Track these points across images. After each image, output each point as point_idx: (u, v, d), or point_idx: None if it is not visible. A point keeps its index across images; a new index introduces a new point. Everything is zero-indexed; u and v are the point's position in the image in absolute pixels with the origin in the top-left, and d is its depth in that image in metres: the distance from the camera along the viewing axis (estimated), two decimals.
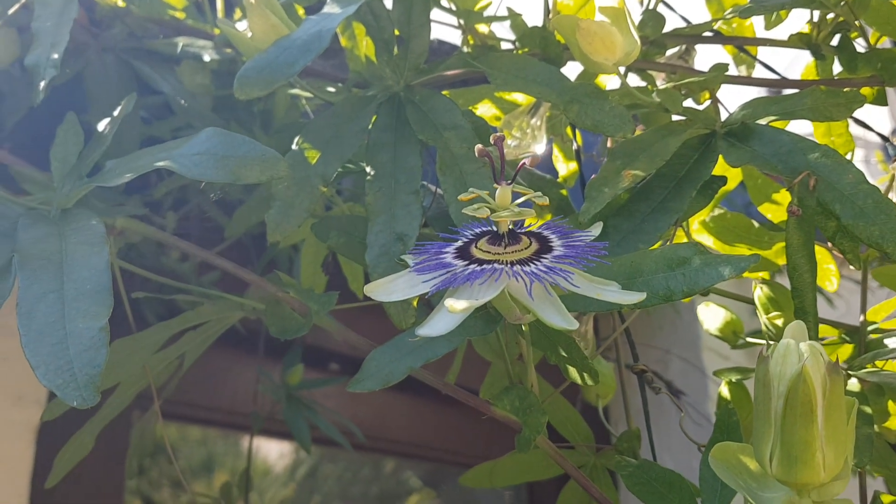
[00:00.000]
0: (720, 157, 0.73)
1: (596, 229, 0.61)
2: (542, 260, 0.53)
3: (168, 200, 1.16)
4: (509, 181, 0.55)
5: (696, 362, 1.95)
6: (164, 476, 1.64)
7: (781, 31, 0.88)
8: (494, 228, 0.56)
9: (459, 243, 0.57)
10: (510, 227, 0.55)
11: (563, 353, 0.64)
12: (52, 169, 0.67)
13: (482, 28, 0.86)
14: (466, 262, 0.54)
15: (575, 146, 0.91)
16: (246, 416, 1.54)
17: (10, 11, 0.77)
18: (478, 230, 0.58)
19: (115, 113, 0.66)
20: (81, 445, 0.76)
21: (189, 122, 0.94)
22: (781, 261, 0.91)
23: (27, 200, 0.65)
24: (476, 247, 0.55)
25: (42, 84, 0.63)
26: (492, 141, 0.54)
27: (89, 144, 0.66)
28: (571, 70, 0.83)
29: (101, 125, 0.66)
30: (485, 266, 0.52)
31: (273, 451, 2.06)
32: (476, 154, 0.55)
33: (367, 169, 0.72)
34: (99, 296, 0.49)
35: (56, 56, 0.64)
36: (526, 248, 0.54)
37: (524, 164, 0.54)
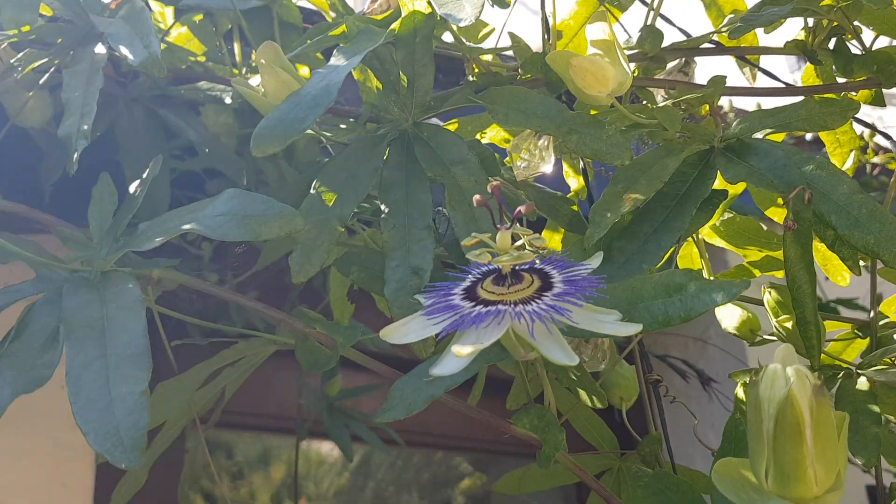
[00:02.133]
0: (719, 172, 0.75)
1: (595, 260, 0.65)
2: (543, 298, 0.57)
3: None
4: (509, 225, 0.59)
5: (733, 348, 1.96)
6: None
7: (779, 37, 0.90)
8: (499, 267, 0.60)
9: (467, 283, 0.61)
10: (512, 266, 0.59)
11: (573, 377, 0.67)
12: (91, 228, 0.72)
13: (486, 56, 0.89)
14: (473, 304, 0.58)
15: (582, 164, 0.95)
16: (291, 420, 1.61)
17: (42, 80, 0.82)
18: (485, 269, 0.62)
19: (145, 175, 0.71)
20: (136, 480, 0.82)
21: (208, 163, 0.99)
22: None
23: (68, 261, 0.70)
24: (482, 287, 0.59)
25: (76, 155, 0.68)
26: (489, 190, 0.58)
27: (122, 205, 0.71)
28: None
29: (132, 187, 0.71)
30: (489, 308, 0.56)
31: (326, 443, 2.13)
32: (475, 203, 0.58)
33: (382, 206, 0.76)
34: (139, 360, 0.54)
35: (86, 127, 0.70)
36: (528, 287, 0.58)
37: (519, 211, 0.58)
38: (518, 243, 0.59)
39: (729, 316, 0.99)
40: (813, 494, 0.52)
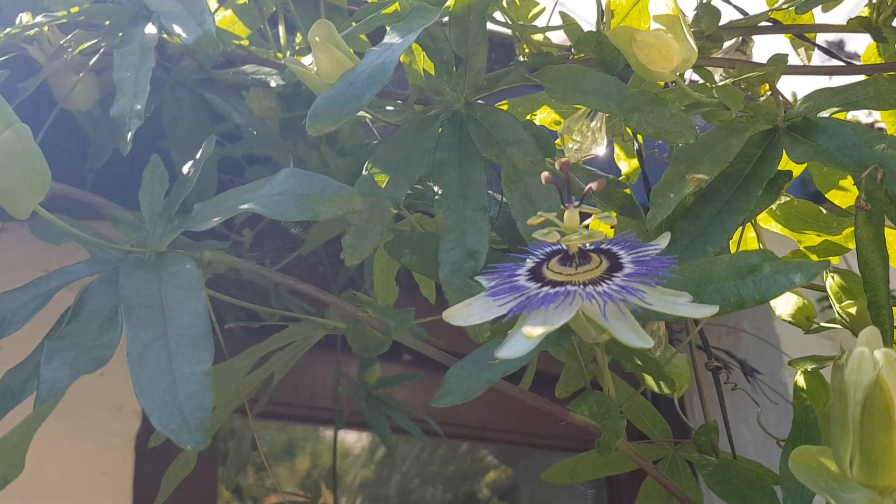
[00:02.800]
0: (784, 152, 0.73)
1: (663, 240, 0.63)
2: (613, 279, 0.55)
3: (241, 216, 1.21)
4: (577, 203, 0.57)
5: (769, 337, 1.93)
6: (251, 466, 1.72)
7: (839, 15, 0.87)
8: (564, 247, 0.58)
9: (531, 264, 0.59)
10: (580, 246, 0.57)
11: (639, 362, 0.65)
12: (142, 210, 0.71)
13: (537, 36, 0.87)
14: (539, 285, 0.56)
15: (636, 146, 0.92)
16: (326, 410, 1.60)
17: (91, 62, 0.82)
18: (547, 249, 0.60)
19: (198, 155, 0.69)
20: (186, 464, 0.82)
21: (255, 147, 0.98)
22: (851, 245, 0.91)
23: (121, 243, 0.69)
24: (547, 268, 0.57)
25: (129, 135, 0.67)
26: (558, 168, 0.56)
27: (175, 186, 0.70)
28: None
29: (185, 168, 0.70)
30: (558, 289, 0.54)
31: (351, 434, 2.13)
32: (543, 181, 0.57)
33: (435, 188, 0.75)
34: (201, 340, 0.53)
35: (139, 107, 0.69)
36: (597, 268, 0.56)
37: (590, 188, 0.56)
38: (586, 222, 0.57)
39: (784, 303, 0.97)
40: None
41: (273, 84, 0.94)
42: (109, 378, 1.31)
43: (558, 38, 0.96)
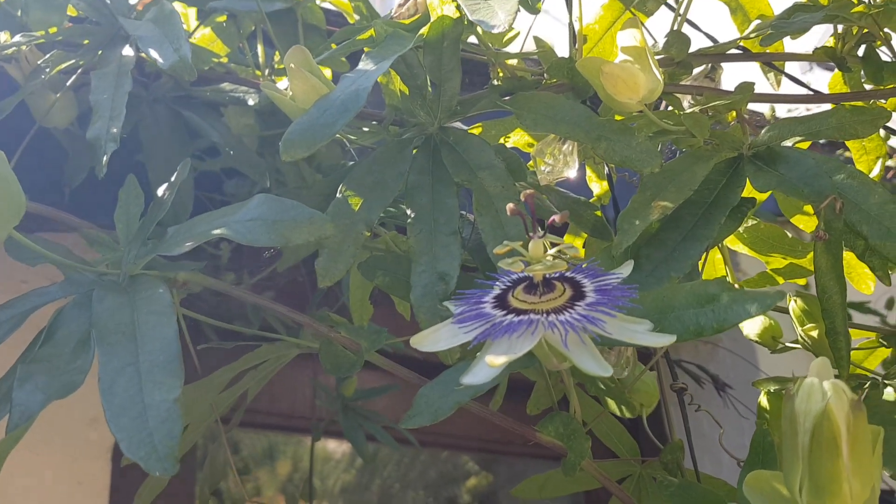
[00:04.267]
0: (748, 180, 0.75)
1: (626, 269, 0.64)
2: (575, 308, 0.56)
3: None
4: (541, 234, 0.59)
5: (745, 352, 1.96)
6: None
7: (801, 43, 0.90)
8: (530, 275, 0.60)
9: (497, 291, 0.60)
10: (544, 275, 0.59)
11: (602, 386, 0.67)
12: (118, 231, 0.72)
13: (511, 60, 0.89)
14: (504, 312, 0.57)
15: (606, 169, 0.94)
16: (305, 419, 1.61)
17: (69, 82, 0.82)
18: (514, 276, 0.61)
19: (173, 178, 0.71)
20: (158, 481, 0.82)
21: (231, 165, 0.99)
22: None
23: (96, 263, 0.70)
24: (513, 295, 0.59)
25: (105, 158, 0.68)
26: (522, 199, 0.58)
27: (150, 208, 0.71)
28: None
29: (161, 190, 0.71)
30: (521, 317, 0.56)
31: (332, 440, 2.13)
32: (508, 213, 0.58)
33: (408, 211, 0.76)
34: (171, 366, 0.54)
35: (115, 130, 0.69)
36: (560, 296, 0.58)
37: (553, 220, 0.57)
38: (551, 252, 0.58)
39: (751, 323, 0.99)
40: None
41: (251, 102, 0.95)
42: (86, 389, 1.31)
43: (533, 58, 0.97)
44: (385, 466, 2.28)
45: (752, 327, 0.98)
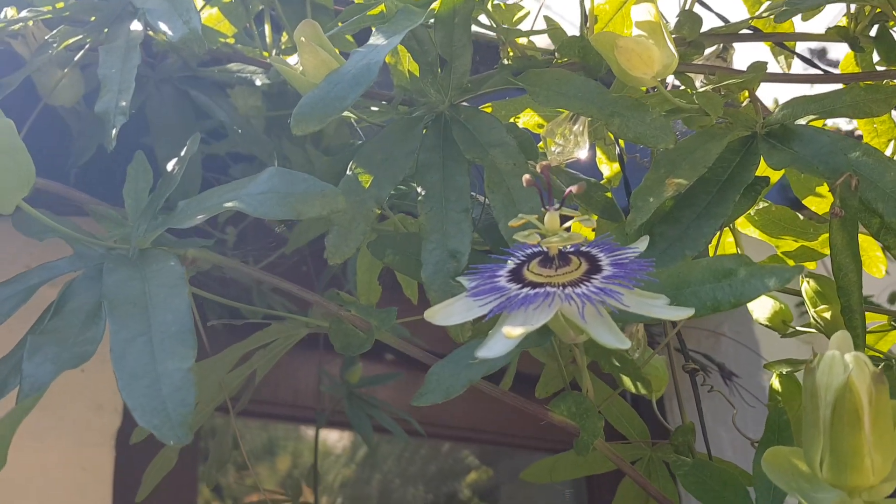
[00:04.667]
0: (762, 158, 0.74)
1: (642, 244, 0.64)
2: (592, 281, 0.56)
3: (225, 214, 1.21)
4: (557, 206, 0.58)
5: (748, 340, 1.95)
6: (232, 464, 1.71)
7: (819, 23, 0.89)
8: (544, 249, 0.59)
9: (511, 265, 0.60)
10: (560, 248, 0.58)
11: (616, 363, 0.66)
12: (126, 206, 0.72)
13: (521, 39, 0.88)
14: (520, 286, 0.57)
15: (618, 150, 0.93)
16: (308, 409, 1.61)
17: (76, 58, 0.82)
18: (528, 251, 0.61)
19: (183, 153, 0.70)
20: (167, 460, 0.82)
21: (239, 145, 0.98)
22: (827, 250, 0.92)
23: (104, 239, 0.69)
24: (528, 269, 0.58)
25: (114, 131, 0.67)
26: (539, 171, 0.57)
27: (159, 183, 0.71)
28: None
29: (170, 165, 0.70)
30: (538, 290, 0.55)
31: (333, 435, 2.13)
32: (524, 184, 0.57)
33: (419, 189, 0.75)
34: (184, 337, 0.53)
35: (124, 103, 0.69)
36: (576, 269, 0.57)
37: (571, 191, 0.57)
38: (567, 225, 0.58)
39: (761, 307, 0.98)
40: (869, 483, 0.51)
41: (258, 83, 0.94)
42: (90, 375, 1.31)
43: (542, 41, 0.97)
44: (385, 461, 2.28)
45: (762, 311, 0.97)
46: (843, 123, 1.90)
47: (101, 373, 0.53)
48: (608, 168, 0.99)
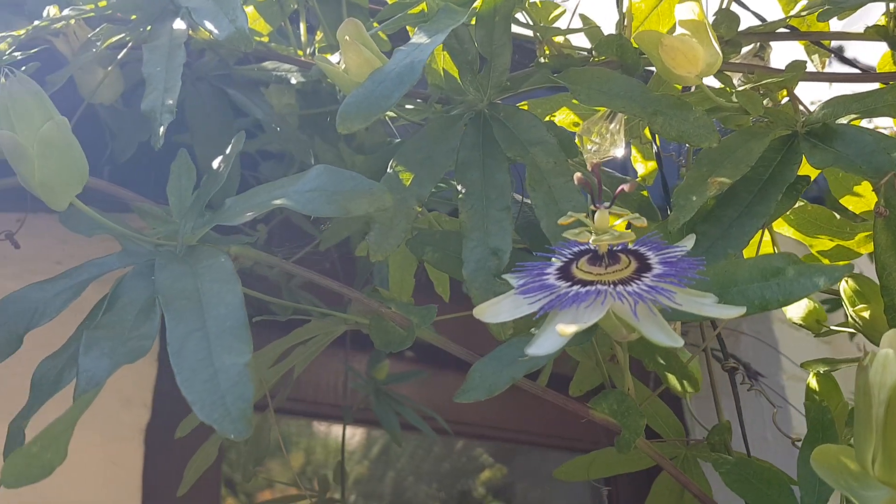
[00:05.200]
0: (803, 157, 0.74)
1: (689, 242, 0.64)
2: (643, 279, 0.56)
3: None
4: (608, 205, 0.58)
5: (768, 339, 1.95)
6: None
7: (860, 23, 0.89)
8: (591, 247, 0.59)
9: (559, 263, 0.60)
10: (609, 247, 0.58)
11: (661, 361, 0.66)
12: (171, 204, 0.72)
13: (558, 38, 0.88)
14: (570, 284, 0.57)
15: (655, 148, 0.94)
16: (332, 406, 1.61)
17: (119, 56, 0.82)
18: (575, 249, 0.61)
19: (228, 151, 0.70)
20: (207, 455, 0.82)
21: (276, 142, 0.99)
22: (863, 250, 0.92)
23: (149, 235, 0.70)
24: (577, 267, 0.58)
25: (161, 129, 0.68)
26: (590, 170, 0.57)
27: (205, 181, 0.71)
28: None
29: (215, 163, 0.71)
30: (588, 288, 0.55)
31: (347, 431, 2.13)
32: (575, 182, 0.58)
33: (459, 187, 0.76)
34: (239, 332, 0.54)
35: (171, 101, 0.69)
36: (626, 268, 0.57)
37: (623, 189, 0.57)
38: (617, 223, 0.58)
39: (795, 306, 0.98)
40: None
41: (293, 81, 0.95)
42: (119, 370, 1.32)
43: (576, 40, 0.97)
44: (399, 459, 2.28)
45: (796, 311, 0.97)
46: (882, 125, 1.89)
47: (130, 368, 0.54)
48: (643, 166, 0.99)
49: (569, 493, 2.30)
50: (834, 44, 1.41)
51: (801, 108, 0.82)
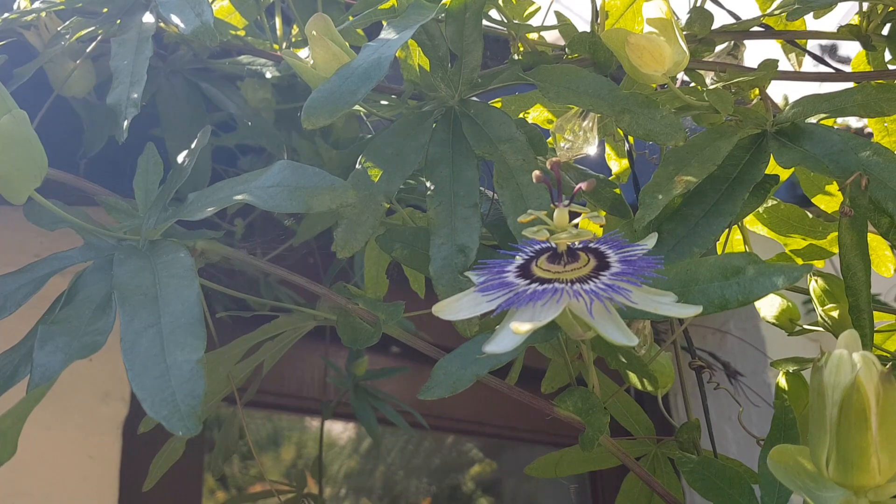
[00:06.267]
0: (771, 156, 0.74)
1: (650, 240, 0.64)
2: (600, 277, 0.56)
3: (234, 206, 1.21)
4: (566, 203, 0.58)
5: (754, 339, 1.95)
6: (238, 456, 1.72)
7: (831, 22, 0.89)
8: (553, 245, 0.59)
9: (520, 261, 0.60)
10: (569, 245, 0.58)
11: (623, 360, 0.66)
12: (137, 198, 0.72)
13: (532, 35, 0.88)
14: (528, 282, 0.57)
15: (627, 146, 0.93)
16: (313, 400, 1.61)
17: (88, 50, 0.82)
18: (537, 247, 0.61)
19: (193, 145, 0.70)
20: (173, 451, 0.82)
21: (249, 137, 0.98)
22: (836, 249, 0.92)
23: (114, 230, 0.70)
24: (536, 265, 0.58)
25: (126, 123, 0.68)
26: (549, 166, 0.57)
27: (170, 175, 0.71)
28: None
29: (181, 157, 0.71)
30: (546, 286, 0.55)
31: (337, 426, 2.14)
32: (534, 180, 0.58)
33: (428, 184, 0.75)
34: (194, 329, 0.53)
35: (136, 95, 0.69)
36: (584, 266, 0.57)
37: (580, 187, 0.57)
38: (575, 221, 0.58)
39: (768, 305, 0.98)
40: (875, 483, 0.51)
41: (269, 75, 0.95)
42: (98, 364, 1.32)
43: (552, 36, 0.97)
44: (389, 453, 2.28)
45: (769, 309, 0.97)
46: (853, 122, 1.89)
47: (109, 362, 0.54)
48: (617, 164, 0.99)
49: (556, 488, 2.30)
50: (826, 42, 1.41)
51: (772, 107, 0.82)
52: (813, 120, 0.76)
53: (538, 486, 2.41)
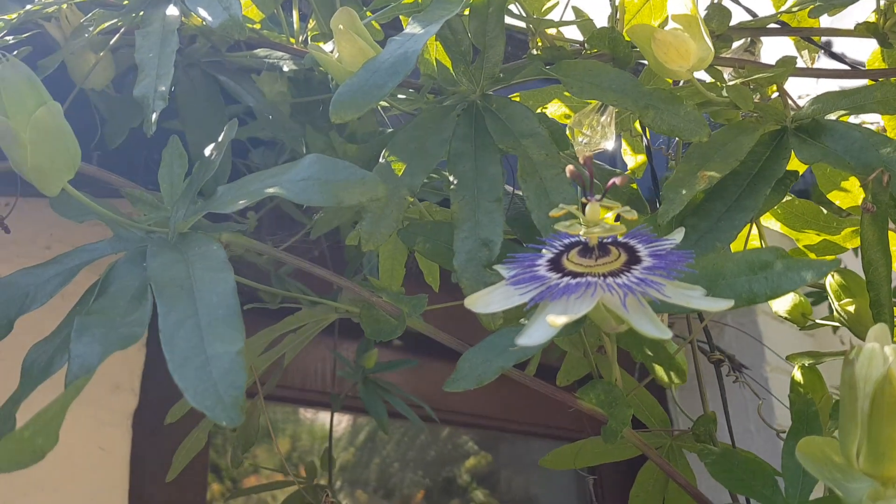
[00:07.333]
0: (792, 152, 0.75)
1: (678, 235, 0.64)
2: (632, 271, 0.56)
3: None
4: (599, 197, 0.59)
5: (751, 331, 1.96)
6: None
7: (848, 19, 0.89)
8: (581, 239, 0.60)
9: (550, 255, 0.60)
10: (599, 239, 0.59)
11: (649, 352, 0.67)
12: (162, 191, 0.72)
13: (550, 30, 0.89)
14: (560, 275, 0.57)
15: (645, 142, 0.94)
16: (320, 393, 1.62)
17: (112, 42, 0.82)
18: (566, 241, 0.61)
19: (220, 138, 0.70)
20: (197, 441, 0.83)
21: (268, 130, 0.99)
22: (850, 245, 0.94)
23: (139, 222, 0.70)
24: (567, 259, 0.59)
25: (154, 116, 0.68)
26: (582, 162, 0.58)
27: (197, 168, 0.71)
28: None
29: (207, 150, 0.71)
30: (579, 279, 0.56)
31: (335, 418, 2.14)
32: (567, 174, 0.58)
33: (450, 178, 0.76)
34: (231, 320, 0.54)
35: (163, 88, 0.69)
36: (616, 260, 0.58)
37: (614, 182, 0.57)
38: (608, 216, 0.58)
39: (781, 300, 0.99)
40: None
41: (285, 69, 0.95)
42: (109, 356, 1.31)
43: (568, 32, 0.97)
44: (385, 446, 2.29)
45: (782, 304, 0.98)
46: (852, 120, 1.90)
47: (119, 354, 0.54)
48: (633, 159, 0.99)
49: (551, 480, 2.32)
50: (823, 39, 1.42)
51: (790, 103, 0.82)
52: (832, 116, 0.77)
53: (533, 478, 2.42)
